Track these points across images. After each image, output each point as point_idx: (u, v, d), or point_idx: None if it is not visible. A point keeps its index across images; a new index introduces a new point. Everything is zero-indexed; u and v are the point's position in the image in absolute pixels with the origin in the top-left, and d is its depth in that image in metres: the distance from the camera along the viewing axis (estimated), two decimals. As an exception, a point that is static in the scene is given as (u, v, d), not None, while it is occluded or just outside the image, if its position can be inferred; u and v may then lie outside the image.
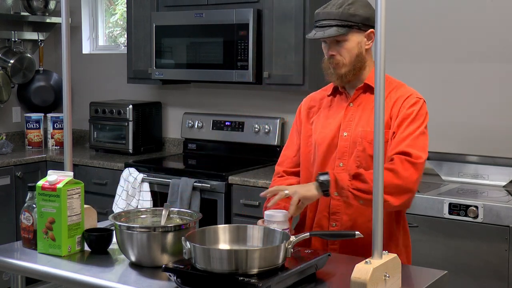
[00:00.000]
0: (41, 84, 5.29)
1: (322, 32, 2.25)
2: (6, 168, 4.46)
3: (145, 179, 4.08)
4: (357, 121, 2.31)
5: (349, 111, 2.34)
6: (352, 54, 2.28)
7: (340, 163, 2.30)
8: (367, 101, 2.32)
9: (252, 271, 1.76)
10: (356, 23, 2.25)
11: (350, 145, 2.30)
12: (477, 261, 3.11)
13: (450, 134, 3.80)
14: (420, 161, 2.18)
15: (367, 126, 2.28)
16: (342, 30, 2.24)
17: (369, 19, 2.26)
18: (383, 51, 1.79)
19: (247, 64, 4.01)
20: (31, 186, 2.27)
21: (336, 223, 2.31)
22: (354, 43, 2.27)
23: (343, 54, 2.28)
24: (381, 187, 1.80)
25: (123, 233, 2.03)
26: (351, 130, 2.31)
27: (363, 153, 2.27)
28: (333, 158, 2.32)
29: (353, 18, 2.24)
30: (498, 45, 3.65)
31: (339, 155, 2.31)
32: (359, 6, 2.26)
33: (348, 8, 2.24)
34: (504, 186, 3.50)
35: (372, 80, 2.29)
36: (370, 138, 2.25)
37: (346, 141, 2.31)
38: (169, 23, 4.36)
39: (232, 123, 4.50)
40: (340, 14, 2.23)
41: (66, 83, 2.41)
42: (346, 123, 2.33)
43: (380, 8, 1.78)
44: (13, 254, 2.23)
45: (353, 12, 2.24)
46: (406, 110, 2.25)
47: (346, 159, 2.30)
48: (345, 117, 2.34)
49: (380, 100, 1.80)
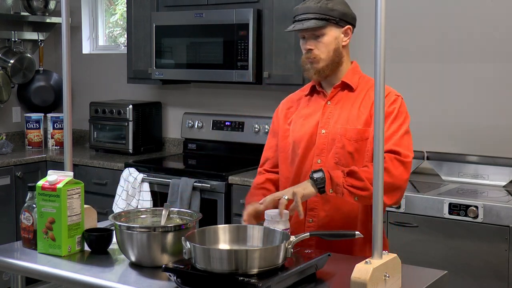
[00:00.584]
0: (41, 84, 5.29)
1: (301, 24, 2.30)
2: (6, 168, 4.46)
3: (145, 179, 4.08)
4: (336, 118, 2.34)
5: (327, 109, 2.38)
6: (330, 49, 2.32)
7: (318, 160, 2.34)
8: (345, 99, 2.36)
9: (252, 271, 1.76)
10: (334, 18, 2.31)
11: (329, 142, 2.33)
12: (477, 261, 3.11)
13: (450, 134, 3.80)
14: (409, 160, 2.22)
15: (346, 124, 2.31)
16: (321, 22, 2.29)
17: (346, 15, 2.34)
18: (383, 51, 1.79)
19: (247, 64, 4.02)
20: (31, 186, 2.27)
21: (313, 219, 2.33)
22: (332, 37, 2.32)
23: (321, 48, 2.32)
24: (381, 187, 1.80)
25: (123, 233, 2.03)
26: (329, 128, 2.34)
27: (342, 149, 2.30)
28: (312, 155, 2.35)
29: (331, 13, 2.30)
30: (498, 45, 3.65)
31: (318, 152, 2.34)
32: (337, 2, 2.33)
33: (327, 3, 2.30)
34: (504, 186, 3.50)
35: (349, 78, 2.37)
36: (349, 135, 2.29)
37: (324, 139, 2.34)
38: (169, 23, 4.36)
39: (232, 123, 4.50)
40: (319, 8, 2.30)
41: (66, 83, 2.41)
42: (324, 121, 2.36)
43: (380, 8, 1.78)
44: (13, 254, 2.23)
45: (331, 7, 2.30)
46: (387, 108, 2.28)
47: (325, 156, 2.33)
48: (323, 115, 2.37)
49: (380, 100, 1.80)
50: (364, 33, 3.79)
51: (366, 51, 4.02)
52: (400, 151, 2.21)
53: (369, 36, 1.99)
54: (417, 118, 3.89)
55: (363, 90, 2.36)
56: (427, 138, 3.83)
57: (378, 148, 1.81)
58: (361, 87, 2.37)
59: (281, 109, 2.53)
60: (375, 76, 1.81)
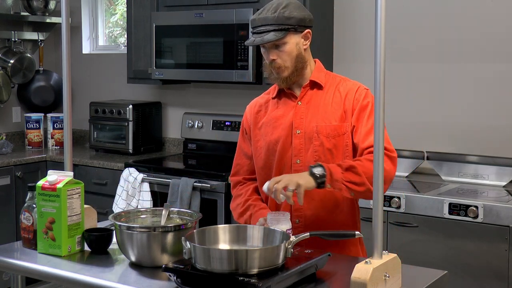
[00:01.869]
0: (41, 84, 5.30)
1: (260, 38, 2.30)
2: (6, 168, 4.46)
3: (145, 179, 4.08)
4: (309, 117, 2.36)
5: (299, 109, 2.38)
6: (292, 56, 2.32)
7: (297, 160, 2.35)
8: (315, 97, 2.38)
9: (252, 271, 1.77)
10: (292, 26, 2.30)
11: (305, 142, 2.35)
12: (477, 261, 3.11)
13: (450, 134, 3.80)
14: (395, 155, 2.27)
15: (321, 121, 2.33)
16: (280, 34, 2.28)
17: (303, 20, 2.32)
18: (383, 51, 1.79)
19: (247, 64, 4.02)
20: (31, 186, 2.27)
21: (300, 219, 2.34)
22: (293, 45, 2.32)
23: (283, 57, 2.32)
24: (381, 187, 1.80)
25: (123, 233, 2.03)
26: (304, 127, 2.35)
27: (321, 147, 2.32)
28: (289, 155, 2.37)
29: (288, 21, 2.29)
30: (498, 45, 3.65)
31: (296, 152, 2.36)
32: (293, 9, 2.31)
33: (283, 12, 2.29)
34: (504, 186, 3.50)
35: (317, 76, 2.40)
36: (326, 132, 2.32)
37: (300, 138, 2.36)
38: (169, 23, 4.36)
39: (232, 123, 4.50)
40: (276, 19, 2.28)
41: (66, 83, 2.41)
42: (298, 121, 2.37)
43: (380, 8, 1.78)
44: (13, 254, 2.23)
45: (288, 15, 2.29)
46: (362, 102, 2.31)
47: (303, 155, 2.35)
48: (295, 116, 2.38)
49: (380, 101, 1.80)
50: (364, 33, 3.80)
51: (366, 51, 4.04)
52: (386, 147, 2.20)
53: (369, 36, 1.99)
54: (417, 118, 3.91)
55: (331, 86, 2.38)
56: (427, 138, 3.83)
57: (378, 149, 1.81)
58: (329, 84, 2.39)
59: (249, 114, 2.51)
60: (375, 76, 1.80)
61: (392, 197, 3.29)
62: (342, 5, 4.11)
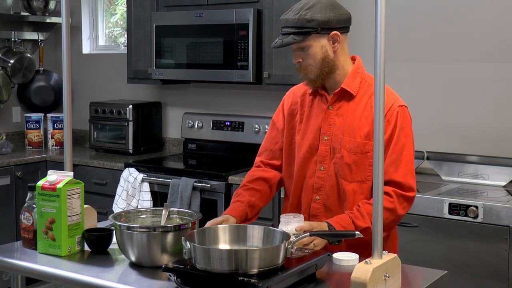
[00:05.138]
0: (41, 84, 5.29)
1: (280, 41, 2.26)
2: (6, 168, 4.45)
3: (145, 179, 4.08)
4: (337, 126, 2.31)
5: (329, 115, 2.33)
6: (317, 59, 2.26)
7: (321, 167, 2.32)
8: (346, 106, 2.31)
9: (252, 271, 1.77)
10: (314, 28, 2.22)
11: (330, 150, 2.31)
12: (477, 261, 3.11)
13: (450, 134, 3.80)
14: (413, 195, 2.23)
15: (346, 134, 2.28)
16: (298, 37, 2.23)
17: (327, 22, 2.23)
18: (383, 51, 1.79)
19: (247, 64, 4.02)
20: (31, 186, 2.27)
21: None
22: (317, 48, 2.25)
23: (307, 60, 2.27)
24: (381, 187, 1.80)
25: (123, 233, 2.03)
26: (331, 135, 2.31)
27: (340, 160, 2.28)
28: (314, 161, 2.34)
29: (309, 24, 2.22)
30: (498, 45, 3.65)
31: (320, 159, 2.33)
32: (317, 10, 2.23)
33: (305, 14, 2.22)
34: (504, 186, 3.50)
35: (349, 84, 2.30)
36: (348, 147, 2.26)
37: (326, 145, 2.32)
38: (169, 23, 4.36)
39: (232, 123, 4.50)
40: (296, 21, 2.23)
41: (66, 83, 2.41)
42: (326, 127, 2.32)
43: (380, 8, 1.78)
44: (13, 254, 2.23)
45: (310, 17, 2.22)
46: (393, 126, 2.24)
47: (327, 163, 2.32)
48: (325, 121, 2.33)
49: (380, 101, 1.80)
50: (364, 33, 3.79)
51: (366, 51, 4.03)
52: (404, 184, 2.20)
53: (369, 36, 1.99)
54: (417, 118, 3.89)
55: (364, 95, 2.30)
56: (427, 138, 3.83)
57: (378, 150, 1.81)
58: (362, 92, 2.30)
59: (286, 103, 2.48)
60: (375, 76, 1.81)
61: (392, 197, 3.29)
62: (342, 5, 4.10)
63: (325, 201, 2.32)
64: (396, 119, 2.24)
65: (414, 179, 2.24)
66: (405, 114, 2.27)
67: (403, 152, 2.23)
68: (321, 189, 2.32)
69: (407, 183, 2.21)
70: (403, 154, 2.23)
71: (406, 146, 2.24)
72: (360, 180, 2.26)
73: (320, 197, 2.33)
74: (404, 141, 2.24)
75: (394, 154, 2.21)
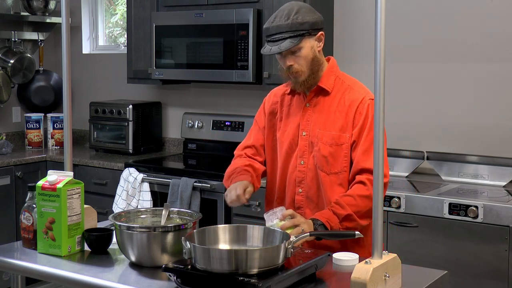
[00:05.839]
0: (41, 84, 5.29)
1: (277, 47, 2.31)
2: (6, 168, 4.46)
3: (145, 179, 4.08)
4: (314, 121, 2.41)
5: (306, 111, 2.44)
6: (308, 60, 2.35)
7: (301, 161, 2.42)
8: (322, 102, 2.42)
9: (252, 271, 1.77)
10: (307, 30, 2.31)
11: (309, 144, 2.41)
12: (477, 261, 3.11)
13: (450, 134, 3.80)
14: (387, 180, 2.29)
15: (323, 128, 2.38)
16: (296, 40, 2.30)
17: (316, 23, 2.34)
18: (383, 51, 1.79)
19: (247, 64, 4.02)
20: (31, 186, 2.27)
21: None
22: (308, 49, 2.34)
23: (300, 62, 2.35)
24: (381, 188, 1.80)
25: (123, 233, 2.03)
26: (309, 130, 2.41)
27: (318, 153, 2.38)
28: (295, 156, 2.44)
29: (302, 27, 2.30)
30: (498, 45, 3.65)
31: (300, 153, 2.43)
32: (305, 13, 2.32)
33: (296, 18, 2.30)
34: (504, 186, 3.50)
35: (325, 82, 2.42)
36: (325, 140, 2.37)
37: (305, 141, 2.42)
38: (169, 23, 4.36)
39: (232, 123, 4.50)
40: (290, 25, 2.30)
41: (66, 83, 2.41)
42: (304, 123, 2.43)
43: (380, 8, 1.78)
44: (13, 254, 2.23)
45: (302, 20, 2.30)
46: (364, 117, 2.33)
47: (306, 157, 2.41)
48: (303, 117, 2.43)
49: (380, 101, 1.80)
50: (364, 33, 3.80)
51: (366, 51, 4.04)
52: None
53: (369, 36, 1.99)
54: (417, 118, 3.91)
55: (338, 92, 2.40)
56: (427, 138, 3.83)
57: (378, 150, 1.81)
58: (336, 89, 2.41)
59: (267, 103, 2.59)
60: (375, 76, 1.81)
61: (392, 197, 3.29)
62: (342, 5, 4.11)
63: (307, 193, 2.42)
64: (367, 110, 2.34)
65: (387, 166, 2.33)
66: None
67: None
68: (302, 182, 2.42)
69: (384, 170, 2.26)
70: None
71: None
72: (337, 171, 2.36)
73: (302, 190, 2.42)
74: None
75: (367, 143, 2.30)
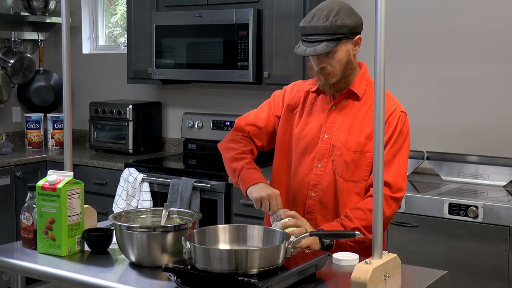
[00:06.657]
0: (41, 84, 5.29)
1: (312, 49, 2.22)
2: (6, 168, 4.46)
3: (145, 179, 4.08)
4: (339, 125, 2.33)
5: (332, 114, 2.36)
6: (342, 63, 2.27)
7: (319, 164, 2.34)
8: (350, 107, 2.34)
9: (252, 271, 1.76)
10: (345, 34, 2.23)
11: (330, 148, 2.33)
12: (477, 261, 3.11)
13: (450, 134, 3.80)
14: (401, 195, 2.25)
15: (348, 133, 2.31)
16: (332, 44, 2.21)
17: (355, 27, 2.26)
18: (383, 51, 1.79)
19: (247, 64, 4.02)
20: (31, 186, 2.27)
21: (311, 222, 2.33)
22: (343, 52, 2.26)
23: (334, 65, 2.27)
24: (381, 188, 1.80)
25: (123, 233, 2.03)
26: (332, 133, 2.33)
27: (340, 158, 2.30)
28: (312, 158, 2.35)
29: (341, 30, 2.22)
30: (498, 45, 3.65)
31: (319, 156, 2.34)
32: (344, 16, 2.23)
33: (335, 20, 2.21)
34: (504, 186, 3.50)
35: (357, 86, 2.33)
36: (349, 145, 2.29)
37: (326, 143, 2.34)
38: (169, 23, 4.36)
39: (232, 123, 4.50)
40: (328, 28, 2.21)
41: (66, 83, 2.41)
42: (328, 126, 2.35)
43: (380, 8, 1.78)
44: (13, 254, 2.23)
45: (340, 23, 2.21)
46: (393, 129, 2.27)
47: (325, 161, 2.33)
48: (327, 119, 2.35)
49: (380, 101, 1.80)
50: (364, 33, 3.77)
51: (366, 51, 4.04)
52: (392, 184, 2.22)
53: (370, 36, 1.99)
54: (417, 118, 3.90)
55: (369, 98, 2.32)
56: (427, 138, 3.83)
57: (378, 150, 1.81)
58: (367, 95, 2.33)
59: (288, 93, 2.47)
60: (375, 76, 1.80)
61: (392, 197, 3.28)
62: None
63: (321, 198, 2.34)
64: (397, 122, 2.28)
65: (405, 181, 2.27)
66: (406, 120, 2.32)
67: (397, 155, 2.26)
68: (317, 186, 2.34)
69: (396, 184, 2.23)
70: (396, 156, 2.26)
71: (401, 150, 2.28)
72: (356, 179, 2.29)
73: (316, 194, 2.35)
74: (400, 145, 2.28)
75: (389, 156, 2.23)
